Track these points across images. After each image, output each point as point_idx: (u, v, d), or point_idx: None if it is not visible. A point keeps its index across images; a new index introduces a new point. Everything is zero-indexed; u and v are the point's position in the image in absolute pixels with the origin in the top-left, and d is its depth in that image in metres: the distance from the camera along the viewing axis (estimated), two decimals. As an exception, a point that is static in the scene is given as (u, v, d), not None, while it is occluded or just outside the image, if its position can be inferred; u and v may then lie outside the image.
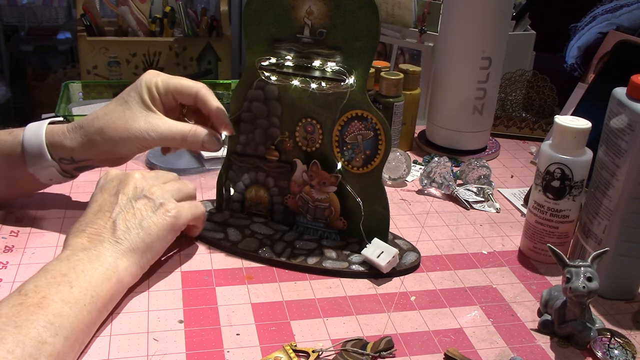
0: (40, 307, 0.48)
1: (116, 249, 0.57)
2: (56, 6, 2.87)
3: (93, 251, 0.56)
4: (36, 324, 0.47)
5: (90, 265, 0.54)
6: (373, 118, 0.63)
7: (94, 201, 0.61)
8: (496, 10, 0.86)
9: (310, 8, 0.63)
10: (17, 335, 0.45)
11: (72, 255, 0.55)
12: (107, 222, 0.58)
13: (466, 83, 0.90)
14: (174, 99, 0.68)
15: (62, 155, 0.66)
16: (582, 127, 0.63)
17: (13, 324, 0.46)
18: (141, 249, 0.58)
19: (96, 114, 0.66)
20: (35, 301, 0.49)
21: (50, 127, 0.66)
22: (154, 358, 0.52)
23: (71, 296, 0.51)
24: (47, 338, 0.47)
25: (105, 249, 0.56)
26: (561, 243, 0.67)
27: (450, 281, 0.64)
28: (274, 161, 0.68)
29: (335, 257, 0.65)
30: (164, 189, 0.62)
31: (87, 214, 0.60)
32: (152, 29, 2.19)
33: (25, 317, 0.47)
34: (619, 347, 0.54)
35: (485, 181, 0.84)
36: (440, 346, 0.55)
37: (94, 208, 0.60)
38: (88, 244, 0.56)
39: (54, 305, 0.49)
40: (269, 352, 0.53)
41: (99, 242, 0.57)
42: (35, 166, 0.66)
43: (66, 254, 0.55)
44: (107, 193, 0.61)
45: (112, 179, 0.63)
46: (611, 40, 0.91)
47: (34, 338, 0.46)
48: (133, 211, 0.59)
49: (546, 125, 1.03)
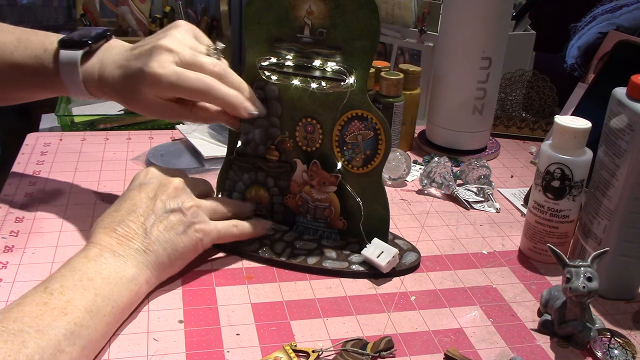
0: (64, 312, 0.49)
1: (143, 260, 0.57)
2: (56, 6, 2.87)
3: (120, 257, 0.55)
4: (57, 331, 0.47)
5: (115, 273, 0.54)
6: (373, 118, 0.63)
7: (130, 198, 0.60)
8: (496, 10, 0.86)
9: (310, 8, 0.63)
10: (39, 341, 0.46)
11: (100, 256, 0.55)
12: (139, 228, 0.58)
13: (466, 83, 0.90)
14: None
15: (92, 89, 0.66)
16: (582, 127, 0.63)
17: (35, 327, 0.46)
18: (165, 265, 0.58)
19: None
20: (60, 305, 0.49)
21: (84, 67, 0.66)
22: (154, 358, 0.52)
23: (94, 305, 0.51)
24: (65, 347, 0.47)
25: (132, 257, 0.56)
26: (561, 243, 0.67)
27: (450, 281, 0.64)
28: (274, 161, 0.68)
29: (335, 257, 0.65)
30: (200, 205, 0.61)
31: (120, 211, 0.59)
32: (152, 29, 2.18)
33: (48, 322, 0.47)
34: (619, 347, 0.54)
35: (485, 181, 0.84)
36: (440, 346, 0.55)
37: (128, 206, 0.59)
38: (117, 247, 0.56)
39: (77, 314, 0.49)
40: (269, 352, 0.53)
41: (128, 247, 0.56)
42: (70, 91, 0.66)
43: (94, 253, 0.55)
44: (145, 194, 0.60)
45: (151, 179, 0.62)
46: (611, 40, 0.91)
47: (53, 346, 0.46)
48: (166, 223, 0.59)
49: (546, 125, 1.03)
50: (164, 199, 0.60)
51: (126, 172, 0.83)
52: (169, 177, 0.62)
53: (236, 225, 0.65)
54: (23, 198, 0.74)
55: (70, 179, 0.80)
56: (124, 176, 0.82)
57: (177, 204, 0.60)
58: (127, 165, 0.84)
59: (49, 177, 0.80)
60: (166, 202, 0.60)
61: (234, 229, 0.64)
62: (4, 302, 0.57)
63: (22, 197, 0.75)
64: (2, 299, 0.57)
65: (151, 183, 0.61)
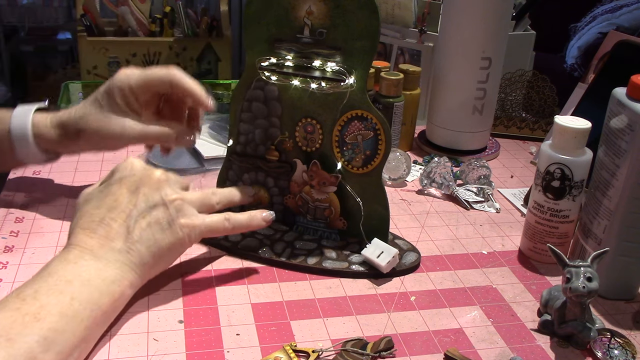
0: (37, 318, 0.46)
1: (126, 260, 0.54)
2: (56, 6, 2.87)
3: (102, 259, 0.53)
4: (29, 338, 0.45)
5: (96, 275, 0.52)
6: (373, 118, 0.63)
7: (111, 193, 0.57)
8: (496, 10, 0.86)
9: (310, 8, 0.63)
10: (9, 349, 0.44)
11: (80, 258, 0.52)
12: (121, 227, 0.55)
13: (466, 83, 0.90)
14: (149, 92, 0.68)
15: (47, 147, 0.69)
16: (582, 127, 0.63)
17: (6, 335, 0.44)
18: (149, 264, 0.56)
19: (75, 113, 0.68)
20: (33, 310, 0.47)
21: (36, 118, 0.68)
22: (154, 358, 0.52)
23: (70, 309, 0.48)
24: (38, 354, 0.45)
25: (114, 259, 0.54)
26: (561, 243, 0.67)
27: (450, 281, 0.64)
28: (274, 161, 0.68)
29: (335, 257, 0.65)
30: (184, 198, 0.59)
31: (101, 208, 0.56)
32: (152, 29, 2.19)
33: (19, 330, 0.45)
34: (619, 347, 0.54)
35: (485, 181, 0.84)
36: (440, 346, 0.55)
37: (109, 202, 0.56)
38: (98, 249, 0.53)
39: (51, 319, 0.47)
40: (269, 352, 0.53)
41: (110, 248, 0.54)
42: (22, 153, 0.68)
43: (73, 255, 0.53)
44: (126, 188, 0.57)
45: (133, 173, 0.58)
46: (611, 40, 0.91)
47: (24, 354, 0.44)
48: (149, 219, 0.56)
49: (546, 125, 1.03)
50: (146, 192, 0.57)
51: (126, 172, 0.83)
52: (151, 170, 0.59)
53: (228, 219, 0.61)
54: (23, 198, 0.74)
55: (70, 179, 0.80)
56: (124, 176, 0.82)
57: (159, 197, 0.57)
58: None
59: (49, 177, 0.80)
60: (148, 195, 0.57)
61: (225, 223, 0.61)
62: (4, 302, 0.57)
63: (22, 197, 0.75)
64: (2, 299, 0.57)
65: (133, 176, 0.58)
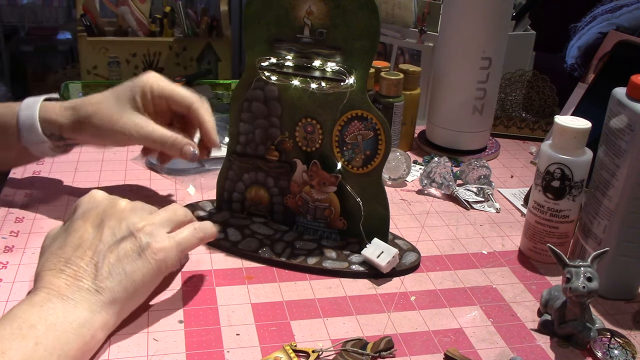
0: None
1: (95, 300, 0.51)
2: (56, 6, 2.87)
3: (70, 300, 0.50)
4: None
5: (64, 318, 0.48)
6: (373, 118, 0.63)
7: (75, 230, 0.54)
8: (496, 10, 0.86)
9: (310, 8, 0.63)
10: None
11: (46, 300, 0.49)
12: (88, 265, 0.52)
13: (466, 83, 0.90)
14: (167, 105, 0.70)
15: (52, 131, 0.69)
16: (582, 127, 0.63)
17: None
18: (122, 299, 0.52)
19: (90, 99, 0.69)
20: None
21: (44, 104, 0.69)
22: (154, 358, 0.52)
23: (34, 355, 0.45)
24: None
25: (83, 299, 0.50)
26: (561, 243, 0.67)
27: (450, 281, 0.64)
28: (274, 161, 0.68)
29: (335, 257, 0.65)
30: (152, 222, 0.56)
31: (66, 247, 0.53)
32: (152, 29, 2.18)
33: None
34: (619, 347, 0.54)
35: (485, 181, 0.84)
36: (440, 346, 0.55)
37: (74, 240, 0.53)
38: (65, 289, 0.50)
39: None
40: (269, 352, 0.53)
41: (78, 288, 0.51)
42: (29, 140, 0.69)
43: (40, 298, 0.49)
44: (90, 223, 0.54)
45: (96, 205, 0.56)
46: (611, 40, 0.91)
47: None
48: (117, 252, 0.53)
49: (546, 125, 1.03)
50: (112, 225, 0.54)
51: (126, 173, 0.83)
52: (115, 201, 0.57)
53: (197, 228, 0.59)
54: (23, 198, 0.74)
55: (70, 179, 0.80)
56: (124, 176, 0.82)
57: (126, 228, 0.54)
58: (127, 166, 0.84)
59: (49, 177, 0.80)
60: (114, 228, 0.54)
61: (196, 233, 0.58)
62: (4, 302, 0.57)
63: (22, 197, 0.75)
64: (2, 299, 0.57)
65: (96, 209, 0.56)
